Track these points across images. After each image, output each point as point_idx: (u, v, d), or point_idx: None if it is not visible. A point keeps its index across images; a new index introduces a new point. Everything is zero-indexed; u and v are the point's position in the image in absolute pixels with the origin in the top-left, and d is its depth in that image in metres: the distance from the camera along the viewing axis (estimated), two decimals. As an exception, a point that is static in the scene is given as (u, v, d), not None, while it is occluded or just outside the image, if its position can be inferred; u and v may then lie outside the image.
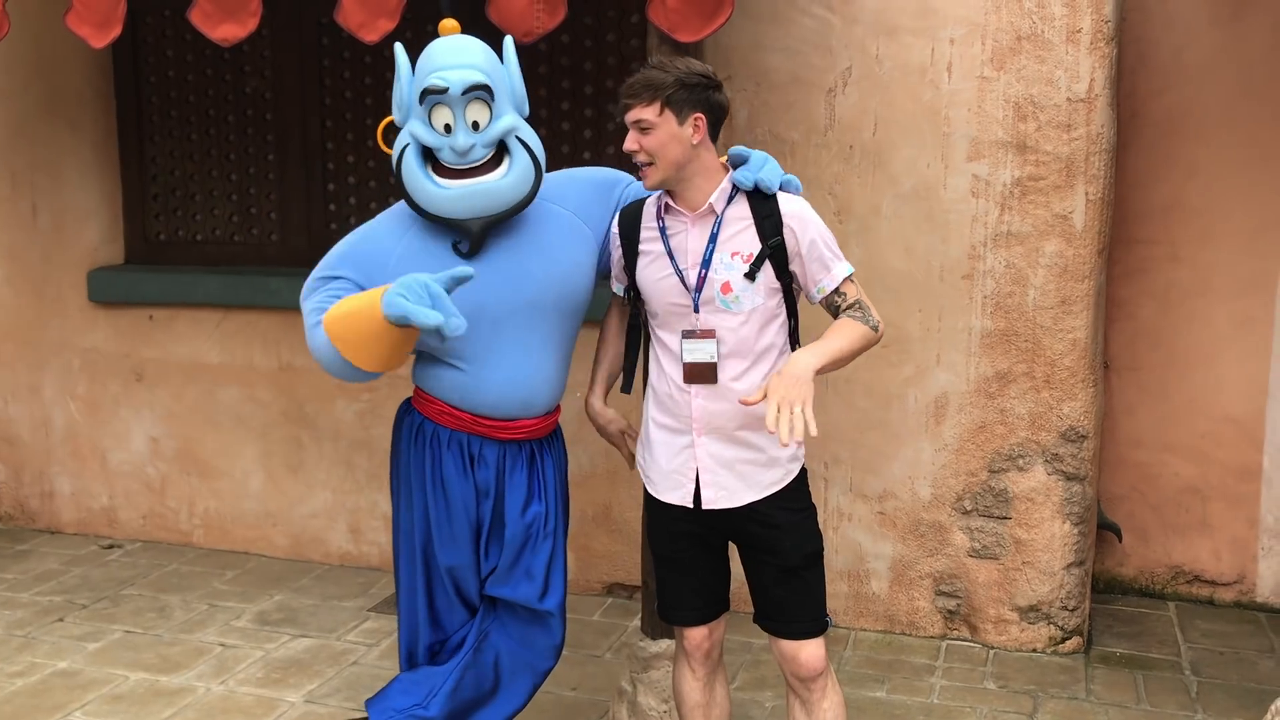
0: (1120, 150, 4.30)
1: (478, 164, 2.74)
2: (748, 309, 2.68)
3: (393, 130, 2.87)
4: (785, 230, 2.67)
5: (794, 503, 2.78)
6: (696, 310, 2.70)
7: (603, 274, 2.99)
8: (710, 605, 2.90)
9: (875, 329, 2.70)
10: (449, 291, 2.57)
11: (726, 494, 2.75)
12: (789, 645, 2.78)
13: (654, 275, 2.76)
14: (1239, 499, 4.49)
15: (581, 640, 4.20)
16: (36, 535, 5.35)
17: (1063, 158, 3.90)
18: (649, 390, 2.86)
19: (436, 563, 2.95)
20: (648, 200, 2.82)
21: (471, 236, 2.76)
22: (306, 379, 4.92)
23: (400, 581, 3.02)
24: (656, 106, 2.61)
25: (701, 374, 2.70)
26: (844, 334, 2.66)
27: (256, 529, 5.08)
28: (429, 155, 2.77)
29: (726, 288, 2.67)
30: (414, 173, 2.74)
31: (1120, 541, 4.61)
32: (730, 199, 2.70)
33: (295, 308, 4.94)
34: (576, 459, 4.61)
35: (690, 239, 2.71)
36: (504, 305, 2.82)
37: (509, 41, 2.86)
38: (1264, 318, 4.38)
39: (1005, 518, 4.09)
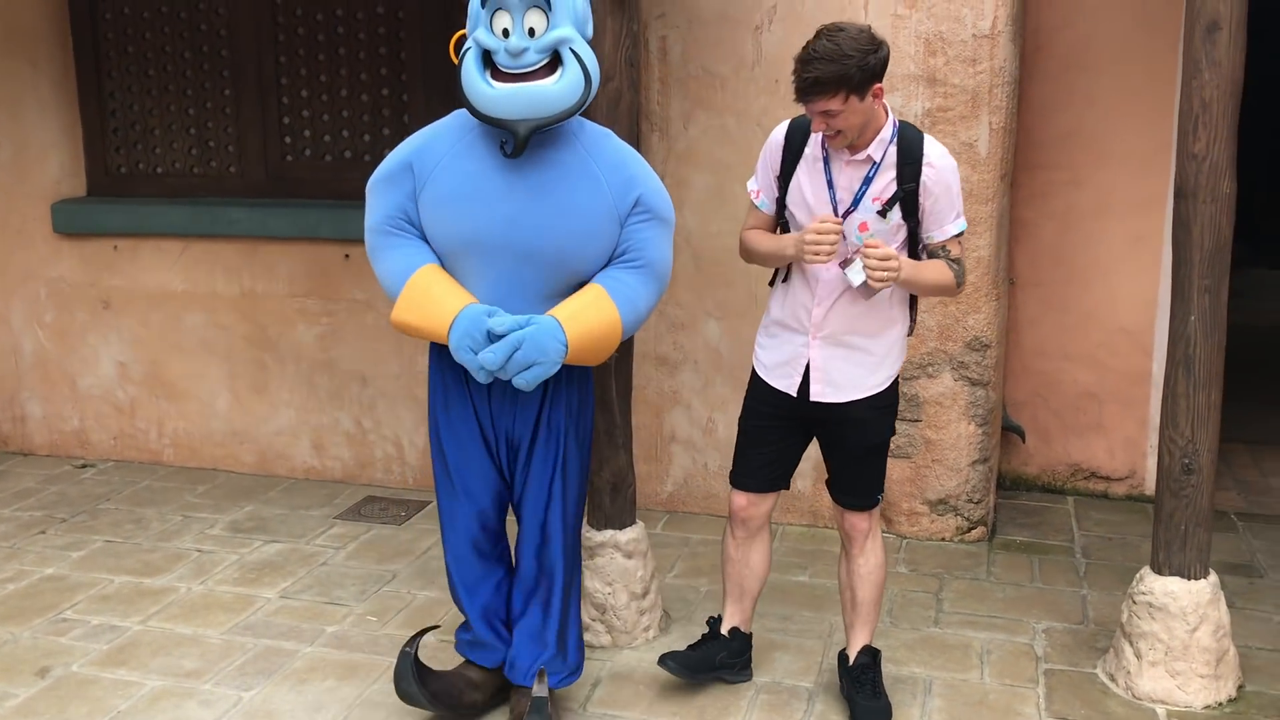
0: (1025, 82, 4.65)
1: (531, 69, 2.83)
2: None
3: (462, 44, 3.03)
4: (922, 175, 2.97)
5: (881, 402, 3.18)
6: (844, 238, 3.00)
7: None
8: (773, 479, 3.30)
9: (959, 284, 3.05)
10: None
11: (833, 390, 3.14)
12: (844, 513, 3.29)
13: (813, 200, 3.04)
14: (1131, 402, 4.93)
15: (533, 539, 4.57)
16: (10, 457, 5.60)
17: (969, 90, 4.24)
18: (778, 292, 3.19)
19: (454, 480, 3.14)
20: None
21: (516, 139, 2.82)
22: (267, 305, 5.19)
23: (441, 517, 3.22)
24: (842, 96, 2.79)
25: (865, 291, 3.00)
26: (936, 270, 3.02)
27: (224, 447, 5.38)
28: (488, 61, 2.90)
29: (864, 226, 2.99)
30: (471, 75, 2.87)
31: (1024, 442, 5.05)
32: (887, 147, 2.98)
33: (255, 236, 5.22)
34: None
35: (845, 177, 3.01)
36: (504, 238, 2.95)
37: None
38: (1154, 235, 4.78)
39: (916, 420, 4.49)
